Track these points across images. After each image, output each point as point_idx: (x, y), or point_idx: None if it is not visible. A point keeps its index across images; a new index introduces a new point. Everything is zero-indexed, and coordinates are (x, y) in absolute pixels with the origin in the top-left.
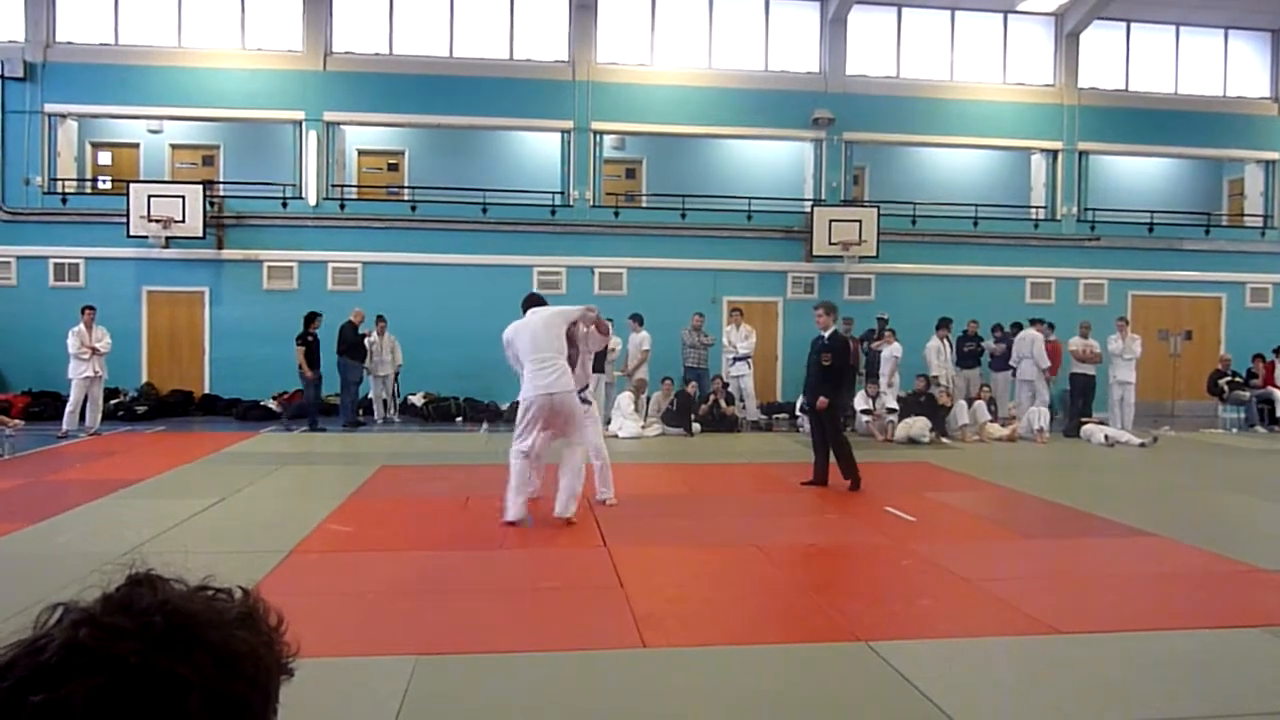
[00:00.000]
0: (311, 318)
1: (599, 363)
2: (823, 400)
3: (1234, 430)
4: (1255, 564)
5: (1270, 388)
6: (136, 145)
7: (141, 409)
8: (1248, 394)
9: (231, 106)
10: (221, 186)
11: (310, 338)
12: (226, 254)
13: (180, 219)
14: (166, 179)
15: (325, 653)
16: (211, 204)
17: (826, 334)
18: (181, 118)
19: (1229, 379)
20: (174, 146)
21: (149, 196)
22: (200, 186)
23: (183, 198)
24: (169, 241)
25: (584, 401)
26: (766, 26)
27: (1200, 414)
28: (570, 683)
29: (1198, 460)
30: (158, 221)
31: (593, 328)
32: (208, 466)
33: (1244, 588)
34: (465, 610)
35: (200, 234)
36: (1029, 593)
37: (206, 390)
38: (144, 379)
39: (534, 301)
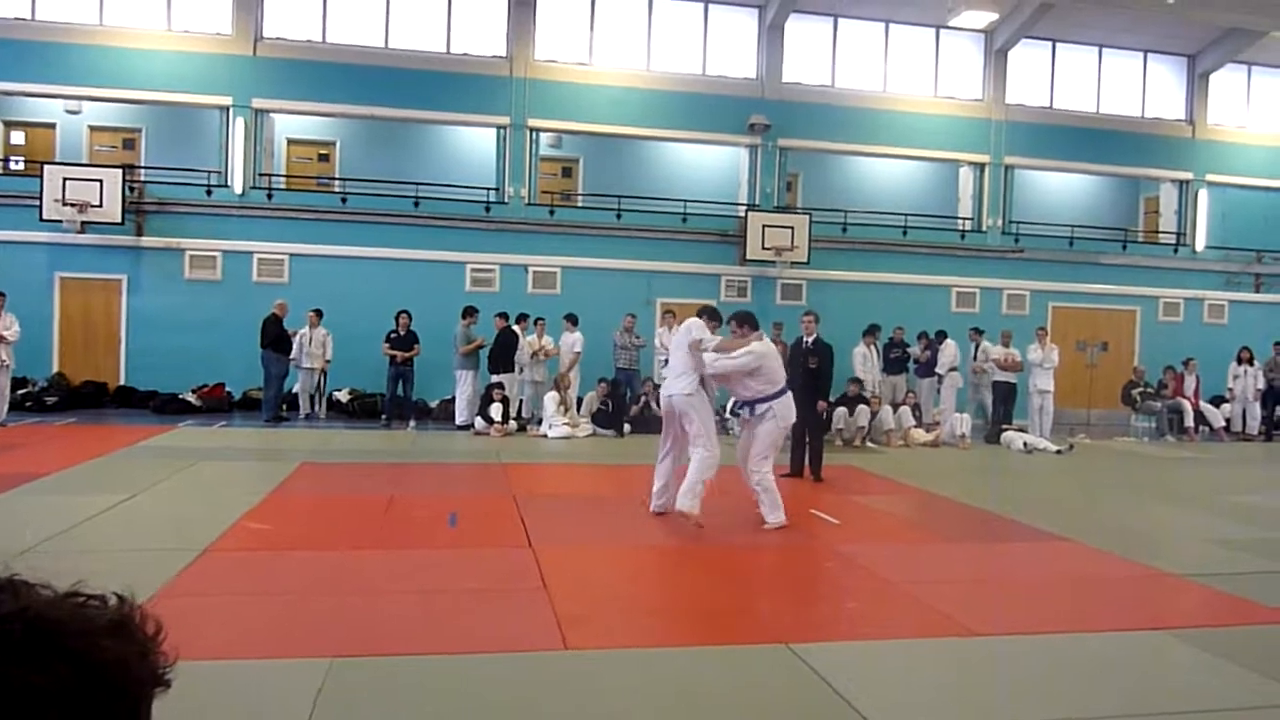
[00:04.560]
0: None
1: (509, 362)
2: (822, 404)
3: (1145, 439)
4: (1162, 569)
5: (1179, 398)
6: (53, 126)
7: (51, 400)
8: (1158, 404)
9: (155, 89)
10: (142, 171)
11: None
12: (146, 241)
13: (97, 203)
14: (84, 162)
15: (235, 655)
16: (131, 189)
17: (811, 339)
18: (101, 98)
19: (1141, 389)
20: (93, 128)
21: (64, 179)
22: (120, 170)
23: (100, 181)
24: (85, 227)
25: None
26: (705, 31)
27: (1114, 423)
28: (490, 685)
29: (1111, 467)
30: (73, 205)
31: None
32: (120, 461)
33: (1152, 592)
34: (383, 611)
35: (119, 220)
36: (949, 595)
37: (122, 382)
38: (55, 369)
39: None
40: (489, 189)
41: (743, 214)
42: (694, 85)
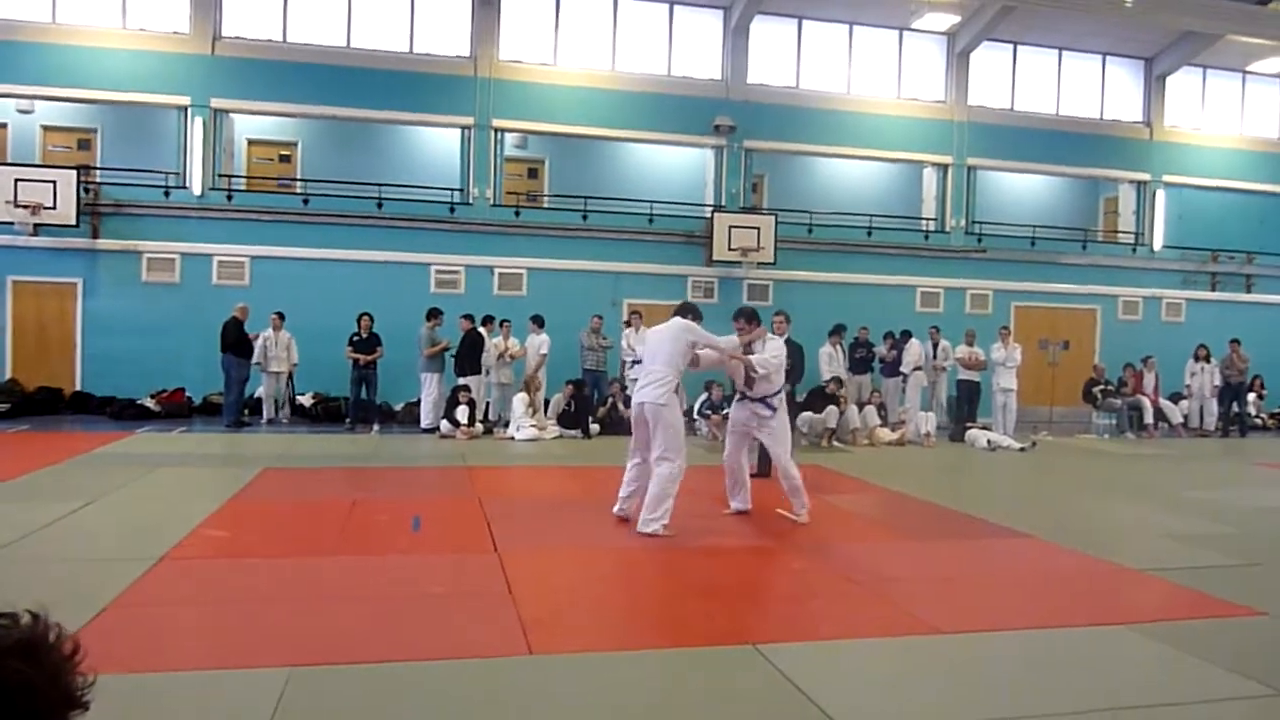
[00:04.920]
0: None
1: (475, 364)
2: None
3: (1106, 436)
4: (1124, 564)
5: (1139, 396)
6: (4, 126)
7: (4, 407)
8: (1119, 402)
9: (110, 89)
10: (98, 172)
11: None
12: (102, 244)
13: (51, 205)
14: (37, 162)
15: (191, 666)
16: (87, 190)
17: (781, 339)
18: (55, 98)
19: (1102, 387)
20: (46, 128)
21: (16, 180)
22: (74, 171)
23: (54, 183)
24: (38, 229)
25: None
26: (670, 32)
27: (1075, 420)
28: (453, 692)
29: (1073, 464)
30: (25, 207)
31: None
32: (75, 468)
33: (1116, 587)
34: (345, 618)
35: (73, 222)
36: (915, 594)
37: (78, 388)
38: (8, 374)
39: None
40: (453, 190)
41: (709, 215)
42: (659, 86)
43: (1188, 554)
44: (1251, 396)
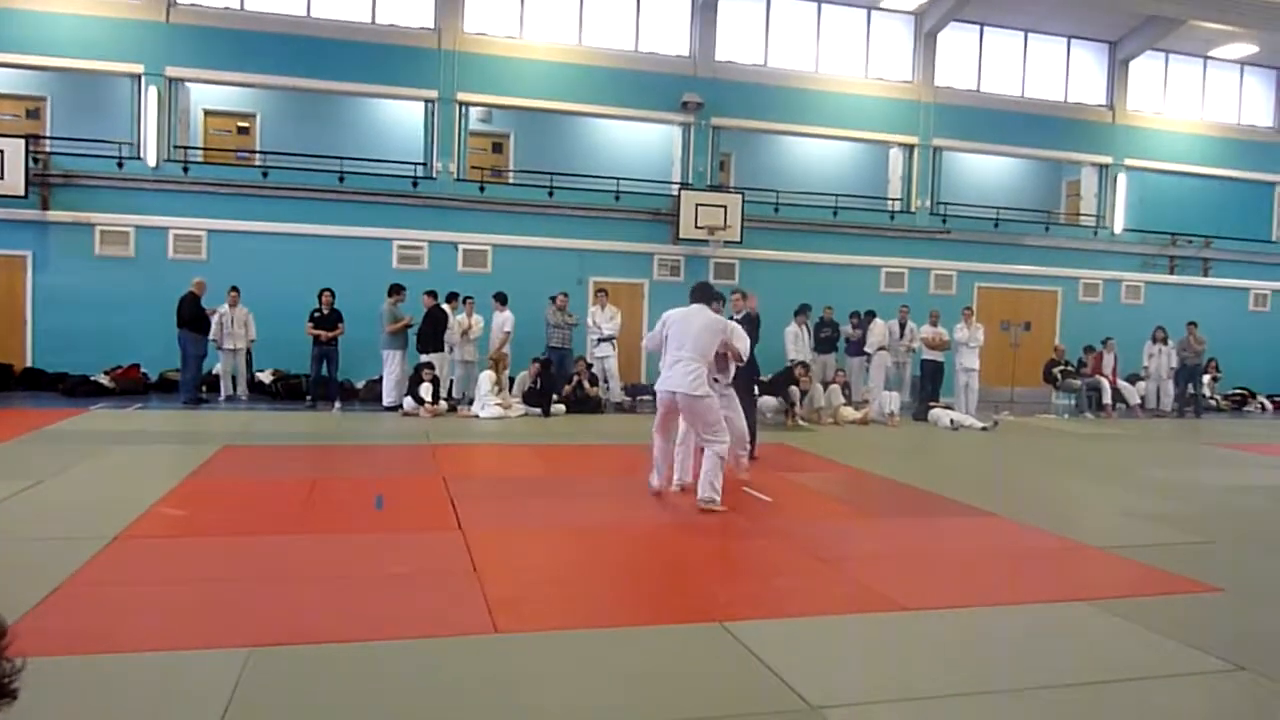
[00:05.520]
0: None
1: (439, 341)
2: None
3: (1065, 416)
4: (1083, 541)
5: (1098, 377)
6: None
7: None
8: (1078, 382)
9: (60, 55)
10: (48, 142)
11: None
12: (53, 215)
13: None
14: None
15: (145, 647)
16: (36, 160)
17: (739, 315)
18: (2, 64)
19: (1062, 368)
20: None
21: None
22: (23, 140)
23: (1, 152)
24: None
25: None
26: (638, 6)
27: (1036, 400)
28: (417, 671)
29: (1033, 443)
30: None
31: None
32: (26, 445)
33: (1076, 564)
34: (305, 598)
35: (22, 192)
36: (880, 571)
37: (29, 364)
38: None
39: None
40: (417, 164)
41: (676, 193)
42: (627, 62)
43: (1146, 531)
44: (1207, 378)
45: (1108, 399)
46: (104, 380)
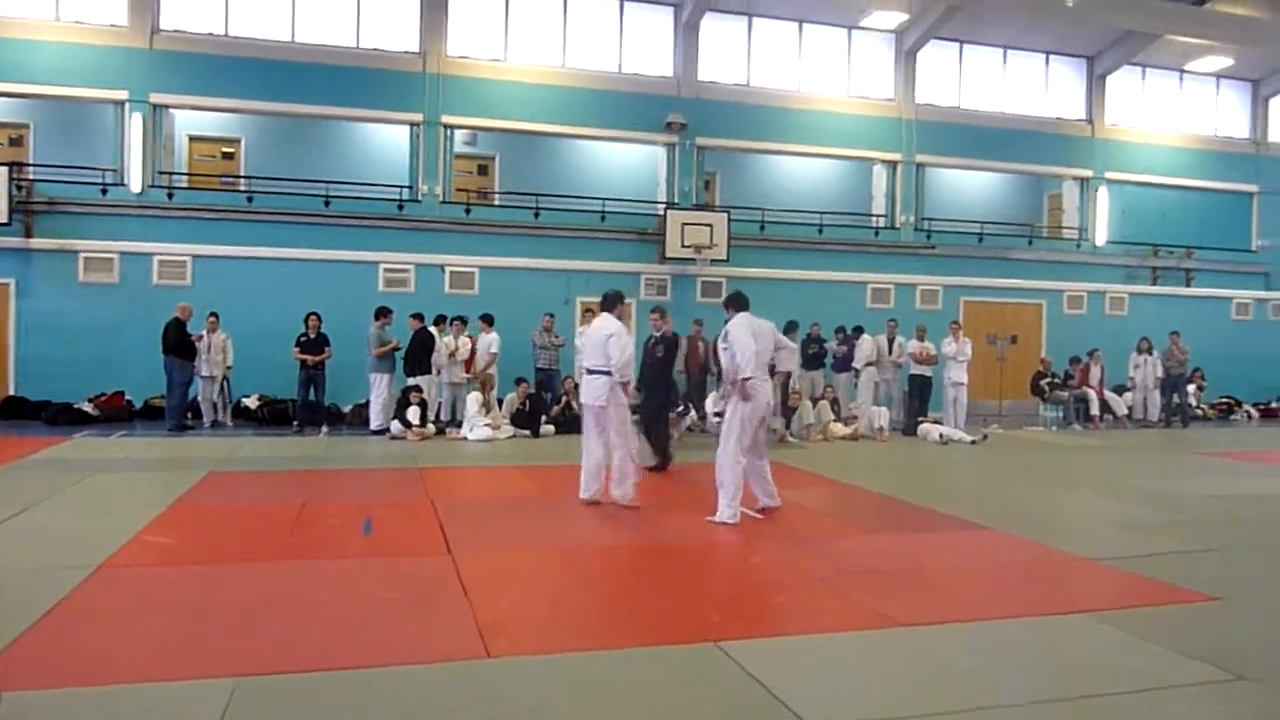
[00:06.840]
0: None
1: (426, 364)
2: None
3: (1053, 428)
4: (1077, 553)
5: (1085, 388)
6: None
7: None
8: (1065, 394)
9: (44, 82)
10: (31, 169)
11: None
12: (36, 243)
13: None
14: None
15: (130, 678)
16: (19, 188)
17: (659, 334)
18: None
19: (1049, 380)
20: None
21: None
22: (6, 168)
23: None
24: None
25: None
26: (621, 28)
27: (1024, 413)
28: (408, 699)
29: (1023, 456)
30: None
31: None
32: (9, 474)
33: (1069, 576)
34: (294, 626)
35: (5, 220)
36: (873, 587)
37: (11, 392)
38: None
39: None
40: (402, 187)
41: (661, 212)
42: (611, 83)
43: (1140, 542)
44: (1191, 388)
45: (1095, 410)
46: (88, 408)
